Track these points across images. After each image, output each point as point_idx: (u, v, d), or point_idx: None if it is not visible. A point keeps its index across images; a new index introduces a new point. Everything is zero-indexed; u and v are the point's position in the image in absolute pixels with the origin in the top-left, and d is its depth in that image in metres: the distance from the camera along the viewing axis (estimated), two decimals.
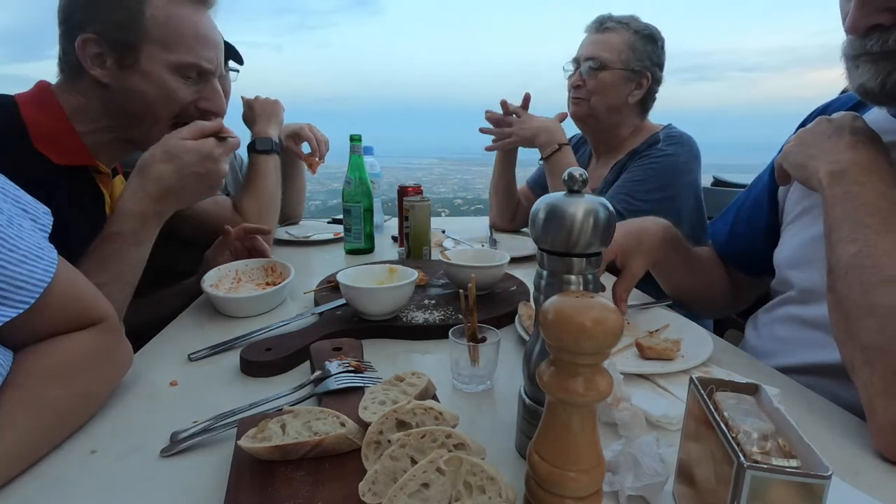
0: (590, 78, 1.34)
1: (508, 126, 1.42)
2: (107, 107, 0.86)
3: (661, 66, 1.38)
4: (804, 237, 0.75)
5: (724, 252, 0.98)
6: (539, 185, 1.59)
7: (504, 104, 1.43)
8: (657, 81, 1.38)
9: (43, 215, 0.56)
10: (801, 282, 0.75)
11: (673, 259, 0.90)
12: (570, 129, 1.67)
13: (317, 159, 1.46)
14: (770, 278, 0.84)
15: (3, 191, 0.51)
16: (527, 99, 1.44)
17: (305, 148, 1.48)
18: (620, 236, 0.84)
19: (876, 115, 0.70)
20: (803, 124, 0.79)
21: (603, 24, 1.34)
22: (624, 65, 1.32)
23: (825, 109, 0.82)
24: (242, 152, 1.55)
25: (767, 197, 0.88)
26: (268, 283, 0.97)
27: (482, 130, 1.47)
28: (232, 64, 1.28)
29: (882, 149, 0.62)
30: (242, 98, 1.37)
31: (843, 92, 0.80)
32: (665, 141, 1.31)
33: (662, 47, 1.37)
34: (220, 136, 0.87)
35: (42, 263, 0.50)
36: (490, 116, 1.46)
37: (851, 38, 0.59)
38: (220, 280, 0.94)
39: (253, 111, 1.34)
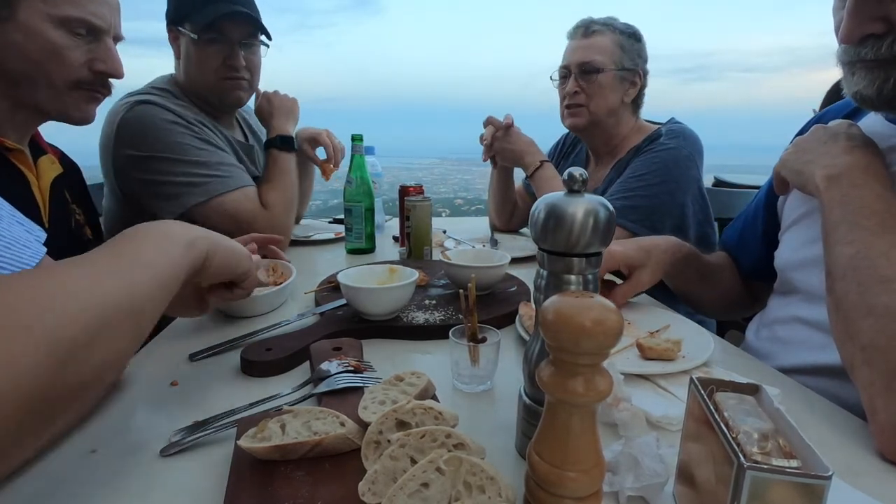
0: (587, 83, 1.33)
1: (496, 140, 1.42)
2: None
3: (647, 62, 1.39)
4: (803, 240, 0.76)
5: (733, 259, 0.99)
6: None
7: (491, 120, 1.42)
8: (645, 77, 1.39)
9: (37, 231, 0.56)
10: (801, 284, 0.75)
11: (685, 273, 0.92)
12: (557, 131, 1.65)
13: (331, 166, 1.46)
14: (772, 284, 0.85)
15: None
16: (509, 120, 1.41)
17: (320, 153, 1.49)
18: (632, 249, 0.86)
19: (872, 121, 0.70)
20: (800, 133, 0.80)
21: (589, 29, 1.33)
22: (617, 65, 1.32)
23: (821, 118, 0.83)
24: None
25: (764, 204, 0.90)
26: (269, 283, 0.97)
27: (481, 140, 1.46)
28: (263, 38, 1.26)
29: (878, 152, 0.63)
30: (258, 90, 1.35)
31: (837, 100, 0.81)
32: (667, 135, 1.30)
33: (644, 44, 1.38)
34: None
35: (28, 252, 0.51)
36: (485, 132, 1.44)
37: (846, 46, 0.59)
38: None
39: (272, 105, 1.32)
